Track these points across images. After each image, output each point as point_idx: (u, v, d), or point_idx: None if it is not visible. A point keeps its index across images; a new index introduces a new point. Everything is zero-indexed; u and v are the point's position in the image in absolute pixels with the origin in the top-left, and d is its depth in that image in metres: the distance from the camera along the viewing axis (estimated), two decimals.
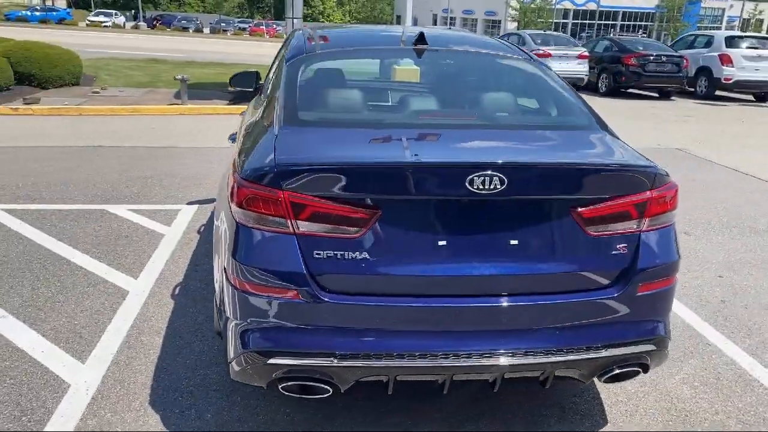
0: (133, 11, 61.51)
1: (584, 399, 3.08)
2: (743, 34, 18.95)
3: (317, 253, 2.25)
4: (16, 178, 6.48)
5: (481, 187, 2.20)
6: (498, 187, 2.21)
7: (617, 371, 2.50)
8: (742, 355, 3.58)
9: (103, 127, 9.79)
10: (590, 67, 17.02)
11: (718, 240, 5.54)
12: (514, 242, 2.33)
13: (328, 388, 2.34)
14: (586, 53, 16.48)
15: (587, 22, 63.40)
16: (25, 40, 14.60)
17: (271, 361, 2.29)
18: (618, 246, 2.41)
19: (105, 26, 47.74)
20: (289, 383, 2.33)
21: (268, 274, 2.25)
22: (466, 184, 2.19)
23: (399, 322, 2.31)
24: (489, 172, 2.19)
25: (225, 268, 2.40)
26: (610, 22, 68.39)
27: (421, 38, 3.20)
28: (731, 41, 17.01)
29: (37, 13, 48.67)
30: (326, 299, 2.25)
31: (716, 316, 4.05)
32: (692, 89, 17.49)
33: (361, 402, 2.94)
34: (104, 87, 14.10)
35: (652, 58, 16.49)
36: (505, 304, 2.34)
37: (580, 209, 2.35)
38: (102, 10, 53.53)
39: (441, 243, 2.29)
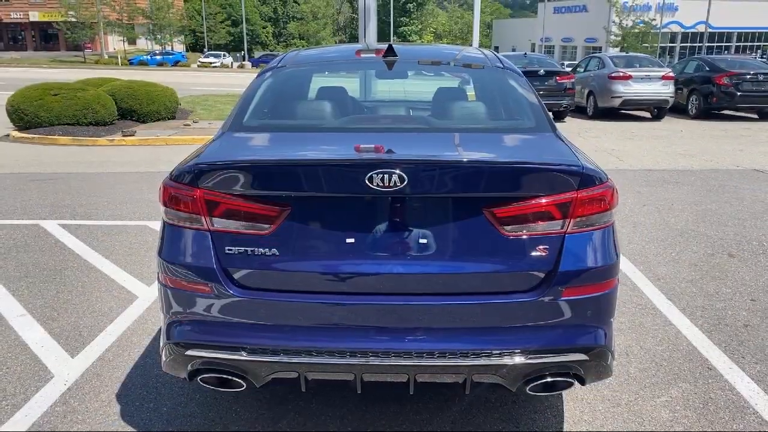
0: (242, 52, 65.72)
1: (542, 416, 2.93)
2: None
3: (229, 249, 2.34)
4: (82, 198, 7.12)
5: (381, 184, 2.20)
6: (398, 184, 2.20)
7: (549, 380, 2.38)
8: (746, 381, 3.25)
9: (180, 155, 10.51)
10: (678, 89, 16.13)
11: (765, 263, 5.06)
12: (423, 241, 2.30)
13: (242, 382, 2.40)
14: (671, 74, 15.61)
15: (697, 45, 60.10)
16: (130, 79, 16.02)
17: (188, 352, 2.39)
18: (538, 247, 2.31)
19: (214, 66, 51.46)
20: (206, 375, 2.42)
21: (185, 270, 2.37)
22: (366, 182, 2.21)
23: (307, 319, 2.34)
24: (386, 169, 2.20)
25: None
26: (723, 44, 64.61)
27: (389, 50, 3.25)
28: None
29: (157, 57, 53.26)
30: (237, 294, 2.33)
31: (731, 340, 3.71)
32: None
33: (313, 405, 2.97)
34: (195, 120, 15.12)
35: (748, 77, 15.39)
36: (414, 303, 2.31)
37: (493, 208, 2.29)
38: (212, 52, 57.62)
39: (349, 240, 2.31)
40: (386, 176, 2.20)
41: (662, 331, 3.83)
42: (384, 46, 3.27)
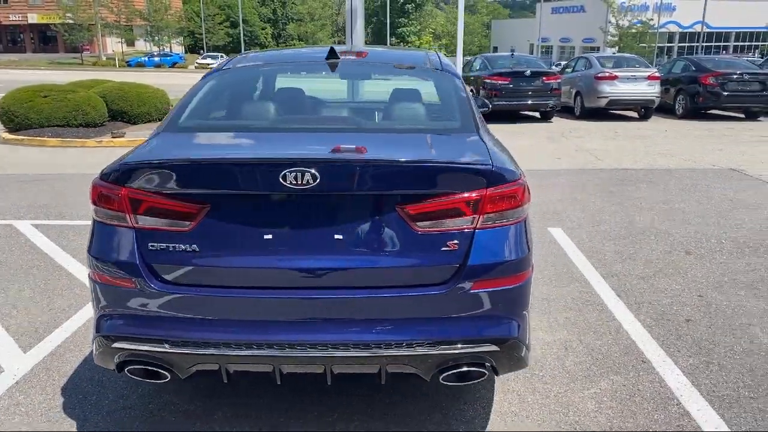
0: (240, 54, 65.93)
1: (472, 407, 3.03)
2: None
3: (152, 246, 2.44)
4: (60, 198, 7.23)
5: (294, 182, 2.30)
6: (311, 182, 2.30)
7: (464, 369, 2.47)
8: (676, 373, 3.34)
9: None
10: (665, 89, 16.22)
11: (720, 260, 5.15)
12: (338, 236, 2.40)
13: (167, 374, 2.49)
14: (657, 74, 15.69)
15: (695, 44, 60.11)
16: (121, 81, 16.09)
17: (115, 345, 2.48)
18: (448, 243, 2.41)
19: (210, 67, 51.51)
20: (132, 367, 2.52)
21: (111, 266, 2.47)
22: (280, 180, 2.30)
23: (226, 313, 2.44)
24: (299, 167, 2.29)
25: None
26: (721, 44, 64.68)
27: (331, 53, 3.35)
28: None
29: (155, 59, 53.52)
30: (159, 289, 2.42)
31: (669, 334, 3.80)
32: None
33: (244, 400, 3.07)
34: None
35: (734, 77, 15.46)
36: (329, 297, 2.40)
37: (405, 206, 2.38)
38: (209, 54, 57.84)
39: (266, 237, 2.40)
40: (299, 174, 2.29)
41: (605, 326, 3.92)
42: (327, 48, 3.38)
